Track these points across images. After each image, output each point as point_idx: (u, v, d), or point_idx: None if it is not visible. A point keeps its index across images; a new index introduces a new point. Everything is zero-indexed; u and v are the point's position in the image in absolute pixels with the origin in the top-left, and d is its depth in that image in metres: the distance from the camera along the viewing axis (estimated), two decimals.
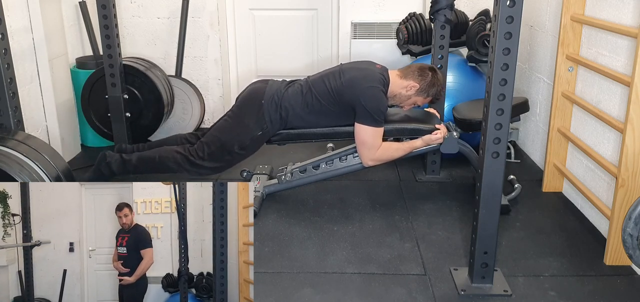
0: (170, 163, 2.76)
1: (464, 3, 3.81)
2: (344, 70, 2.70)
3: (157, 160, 2.78)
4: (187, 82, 3.86)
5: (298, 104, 2.67)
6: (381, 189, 3.10)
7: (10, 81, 2.23)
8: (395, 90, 2.70)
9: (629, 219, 1.97)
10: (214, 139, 2.72)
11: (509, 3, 1.76)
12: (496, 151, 1.95)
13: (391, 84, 2.68)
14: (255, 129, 2.68)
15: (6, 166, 2.06)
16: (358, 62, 2.86)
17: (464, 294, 2.15)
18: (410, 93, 2.71)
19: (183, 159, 2.74)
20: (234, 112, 2.75)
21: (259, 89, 2.73)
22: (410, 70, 2.73)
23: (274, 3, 4.02)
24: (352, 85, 2.60)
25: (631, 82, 2.14)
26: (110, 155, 2.84)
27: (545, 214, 2.80)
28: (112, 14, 3.01)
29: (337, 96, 2.63)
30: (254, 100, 2.69)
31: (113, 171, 2.81)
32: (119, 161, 2.81)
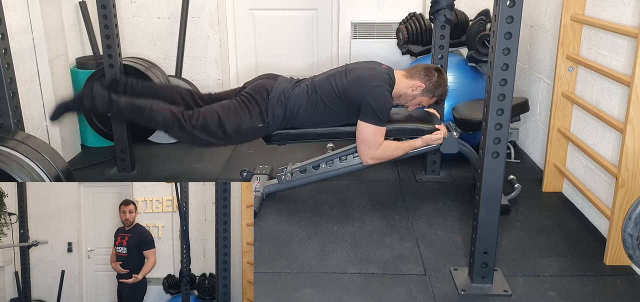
0: (159, 119, 2.60)
1: (464, 3, 3.81)
2: (350, 69, 2.70)
3: (146, 112, 2.61)
4: (187, 82, 3.85)
5: (303, 105, 2.66)
6: (381, 189, 3.10)
7: (10, 81, 2.23)
8: (400, 90, 2.70)
9: (629, 219, 1.98)
10: (213, 113, 2.60)
11: (509, 3, 1.76)
12: (496, 151, 1.95)
13: (397, 84, 2.68)
14: (257, 121, 2.64)
15: (6, 165, 2.06)
16: (364, 62, 2.85)
17: (464, 294, 2.15)
18: (415, 93, 2.71)
19: (174, 120, 2.58)
20: (241, 98, 2.67)
21: (269, 84, 2.71)
22: (416, 70, 2.73)
23: (274, 3, 4.02)
24: (358, 83, 2.60)
25: (631, 82, 2.14)
26: (98, 89, 2.63)
27: (545, 214, 2.80)
28: (112, 14, 3.01)
29: (343, 95, 2.62)
30: (262, 93, 2.66)
31: (95, 107, 2.61)
32: (105, 99, 2.62)
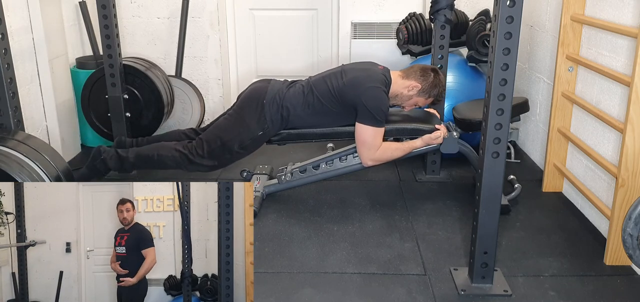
0: (168, 161, 2.73)
1: (464, 3, 3.80)
2: (346, 70, 2.70)
3: (155, 158, 2.74)
4: (187, 82, 3.85)
5: (299, 105, 2.67)
6: (381, 189, 3.10)
7: (10, 81, 2.22)
8: (397, 90, 2.70)
9: (629, 219, 1.97)
10: (214, 138, 2.71)
11: (509, 3, 1.76)
12: (496, 151, 1.95)
13: (393, 84, 2.69)
14: (257, 129, 2.67)
15: (6, 166, 2.06)
16: (360, 62, 2.86)
17: (464, 294, 2.15)
18: (412, 93, 2.71)
19: (182, 156, 2.72)
20: (235, 111, 2.73)
21: (261, 88, 2.73)
22: (412, 70, 2.73)
23: (274, 3, 4.02)
24: (354, 85, 2.60)
25: (631, 82, 2.14)
26: (106, 150, 2.77)
27: (545, 214, 2.80)
28: (112, 14, 3.01)
29: (339, 96, 2.63)
30: (256, 99, 2.68)
31: (108, 167, 2.75)
32: (115, 157, 2.75)
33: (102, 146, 2.81)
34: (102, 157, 2.76)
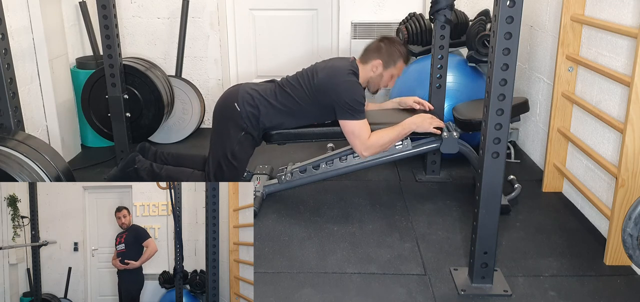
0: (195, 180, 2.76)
1: (464, 3, 3.81)
2: (317, 69, 2.71)
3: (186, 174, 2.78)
4: (187, 82, 3.86)
5: (272, 99, 2.68)
6: (381, 189, 3.10)
7: (10, 81, 2.23)
8: (365, 76, 2.74)
9: (629, 219, 1.98)
10: (212, 162, 2.73)
11: (509, 3, 1.76)
12: (496, 151, 1.96)
13: (360, 72, 2.72)
14: (237, 132, 2.67)
15: (6, 166, 2.06)
16: (330, 59, 2.83)
17: (464, 294, 2.15)
18: (379, 72, 2.74)
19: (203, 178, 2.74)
20: (214, 127, 2.76)
21: (230, 92, 2.75)
22: (368, 52, 2.77)
23: (274, 3, 4.02)
24: (326, 84, 2.62)
25: (631, 82, 2.14)
26: (141, 160, 2.80)
27: (545, 214, 2.80)
28: (112, 14, 3.01)
29: (313, 96, 2.65)
30: (227, 106, 2.70)
31: (141, 177, 2.79)
32: (148, 171, 2.78)
33: (138, 155, 2.83)
34: (136, 167, 2.78)
